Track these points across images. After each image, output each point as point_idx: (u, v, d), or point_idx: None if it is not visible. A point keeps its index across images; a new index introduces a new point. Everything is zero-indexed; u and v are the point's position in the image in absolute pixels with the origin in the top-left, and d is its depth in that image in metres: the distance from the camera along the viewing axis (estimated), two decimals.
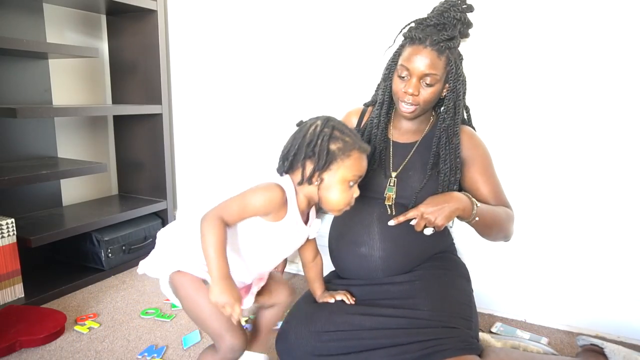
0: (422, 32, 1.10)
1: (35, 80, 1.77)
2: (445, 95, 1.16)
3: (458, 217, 1.11)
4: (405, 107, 1.14)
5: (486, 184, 1.21)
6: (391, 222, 1.12)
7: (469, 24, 1.15)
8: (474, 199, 1.13)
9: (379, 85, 1.29)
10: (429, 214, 1.06)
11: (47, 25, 1.80)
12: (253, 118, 1.89)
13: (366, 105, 1.32)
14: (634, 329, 1.39)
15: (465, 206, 1.10)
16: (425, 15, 1.15)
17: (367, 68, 1.63)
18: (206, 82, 1.97)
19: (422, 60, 1.08)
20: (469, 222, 1.14)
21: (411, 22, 1.16)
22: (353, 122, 1.31)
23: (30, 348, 1.29)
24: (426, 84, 1.10)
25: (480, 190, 1.21)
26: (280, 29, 1.77)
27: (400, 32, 1.18)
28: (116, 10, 1.92)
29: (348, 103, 1.68)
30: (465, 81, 1.18)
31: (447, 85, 1.15)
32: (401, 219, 1.10)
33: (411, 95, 1.11)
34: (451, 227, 1.34)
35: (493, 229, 1.17)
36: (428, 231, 1.11)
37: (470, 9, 1.14)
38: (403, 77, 1.12)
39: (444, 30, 1.10)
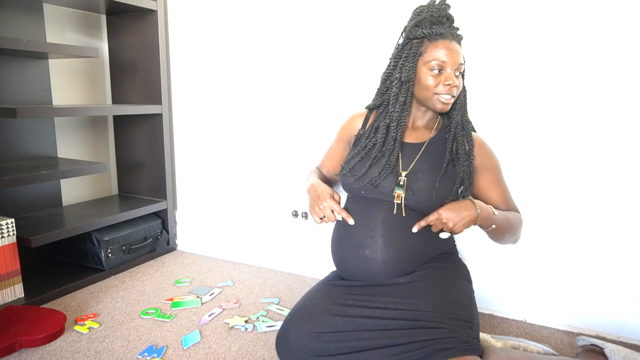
0: (434, 29, 1.14)
1: (35, 80, 1.77)
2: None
3: (478, 225, 1.15)
4: (446, 99, 1.16)
5: (496, 191, 1.26)
6: (414, 229, 1.15)
7: (452, 20, 1.22)
8: (492, 208, 1.17)
9: (380, 89, 1.29)
10: (448, 219, 1.10)
11: (47, 25, 1.80)
12: (253, 118, 1.89)
13: (369, 108, 1.33)
14: (634, 329, 1.39)
15: (485, 215, 1.14)
16: (417, 17, 1.18)
17: (368, 69, 1.63)
18: (206, 82, 1.97)
19: (454, 52, 1.14)
20: (485, 230, 1.18)
21: (410, 25, 1.18)
22: (357, 125, 1.32)
23: (30, 348, 1.29)
24: (458, 73, 1.16)
25: (490, 197, 1.26)
26: (280, 29, 1.77)
27: (401, 35, 1.21)
28: (116, 10, 1.92)
29: (349, 103, 1.68)
30: None
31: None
32: (422, 223, 1.14)
33: (454, 87, 1.15)
34: None
35: (506, 234, 1.22)
36: (444, 235, 1.14)
37: (449, 7, 1.21)
38: (438, 72, 1.15)
39: (446, 24, 1.17)
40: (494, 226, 1.16)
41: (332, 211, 1.18)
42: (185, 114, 2.06)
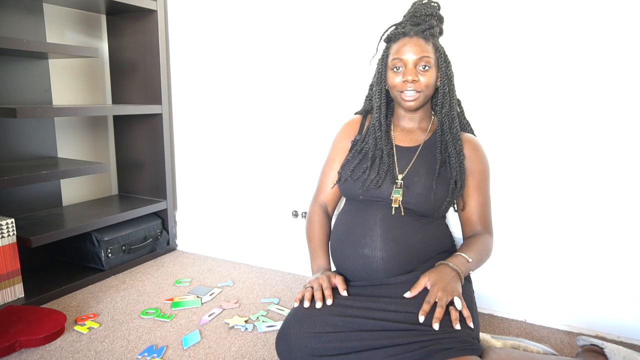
0: (403, 29, 1.18)
1: (35, 80, 1.77)
2: (439, 84, 1.22)
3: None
4: (408, 95, 1.18)
5: (476, 199, 1.26)
6: (407, 294, 1.10)
7: (441, 19, 1.23)
8: (463, 255, 1.16)
9: (368, 95, 1.34)
10: (435, 284, 1.08)
11: (47, 25, 1.80)
12: (253, 118, 1.89)
13: (359, 113, 1.36)
14: (634, 329, 1.39)
15: (464, 269, 1.14)
16: (399, 21, 1.24)
17: (369, 70, 1.63)
18: (206, 82, 1.97)
19: (413, 48, 1.15)
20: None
21: (388, 28, 1.24)
22: (354, 131, 1.32)
23: (30, 348, 1.29)
24: (422, 68, 1.16)
25: (468, 203, 1.26)
26: (281, 29, 1.77)
27: (381, 39, 1.26)
28: (116, 10, 1.92)
29: (349, 104, 1.68)
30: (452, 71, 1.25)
31: (439, 73, 1.21)
32: (414, 292, 1.09)
33: (412, 82, 1.16)
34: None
35: (478, 268, 1.24)
36: (436, 326, 1.03)
37: (438, 7, 1.23)
38: (398, 69, 1.18)
39: (420, 25, 1.18)
40: (471, 271, 1.17)
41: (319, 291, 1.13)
42: (185, 114, 2.06)
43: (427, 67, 1.16)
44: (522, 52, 1.42)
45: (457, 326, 1.01)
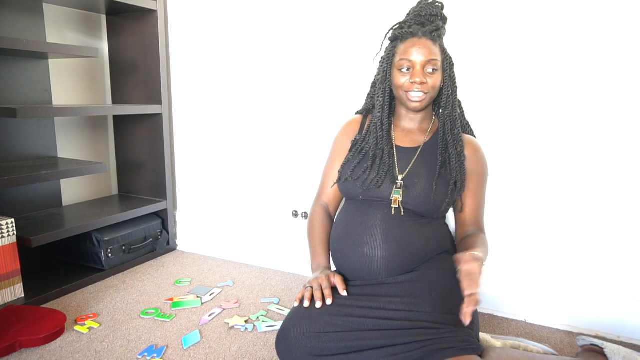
0: (409, 29, 1.18)
1: (35, 80, 1.77)
2: (442, 86, 1.22)
3: None
4: (415, 96, 1.18)
5: (472, 200, 1.26)
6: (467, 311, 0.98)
7: (444, 19, 1.23)
8: (481, 255, 1.09)
9: (369, 93, 1.34)
10: (469, 263, 1.03)
11: (47, 25, 1.80)
12: (253, 118, 1.89)
13: (360, 113, 1.35)
14: (634, 329, 1.39)
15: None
16: (403, 19, 1.23)
17: (369, 69, 1.63)
18: (206, 82, 1.97)
19: (421, 50, 1.15)
20: None
21: (392, 27, 1.24)
22: (354, 131, 1.32)
23: (30, 348, 1.29)
24: (430, 71, 1.16)
25: (465, 204, 1.26)
26: (281, 29, 1.77)
27: (385, 37, 1.25)
28: (116, 10, 1.92)
29: (349, 103, 1.68)
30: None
31: (443, 75, 1.21)
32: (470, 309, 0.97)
33: (420, 84, 1.16)
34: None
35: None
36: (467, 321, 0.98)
37: (442, 7, 1.23)
38: (406, 70, 1.17)
39: (427, 25, 1.18)
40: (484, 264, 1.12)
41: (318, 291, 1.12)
42: (185, 114, 2.06)
43: (434, 70, 1.16)
44: (522, 53, 1.42)
45: (467, 321, 0.97)
